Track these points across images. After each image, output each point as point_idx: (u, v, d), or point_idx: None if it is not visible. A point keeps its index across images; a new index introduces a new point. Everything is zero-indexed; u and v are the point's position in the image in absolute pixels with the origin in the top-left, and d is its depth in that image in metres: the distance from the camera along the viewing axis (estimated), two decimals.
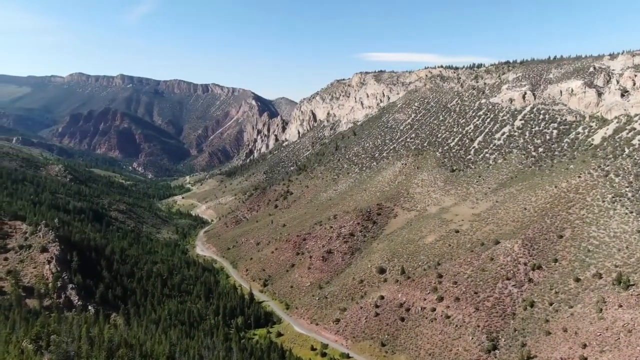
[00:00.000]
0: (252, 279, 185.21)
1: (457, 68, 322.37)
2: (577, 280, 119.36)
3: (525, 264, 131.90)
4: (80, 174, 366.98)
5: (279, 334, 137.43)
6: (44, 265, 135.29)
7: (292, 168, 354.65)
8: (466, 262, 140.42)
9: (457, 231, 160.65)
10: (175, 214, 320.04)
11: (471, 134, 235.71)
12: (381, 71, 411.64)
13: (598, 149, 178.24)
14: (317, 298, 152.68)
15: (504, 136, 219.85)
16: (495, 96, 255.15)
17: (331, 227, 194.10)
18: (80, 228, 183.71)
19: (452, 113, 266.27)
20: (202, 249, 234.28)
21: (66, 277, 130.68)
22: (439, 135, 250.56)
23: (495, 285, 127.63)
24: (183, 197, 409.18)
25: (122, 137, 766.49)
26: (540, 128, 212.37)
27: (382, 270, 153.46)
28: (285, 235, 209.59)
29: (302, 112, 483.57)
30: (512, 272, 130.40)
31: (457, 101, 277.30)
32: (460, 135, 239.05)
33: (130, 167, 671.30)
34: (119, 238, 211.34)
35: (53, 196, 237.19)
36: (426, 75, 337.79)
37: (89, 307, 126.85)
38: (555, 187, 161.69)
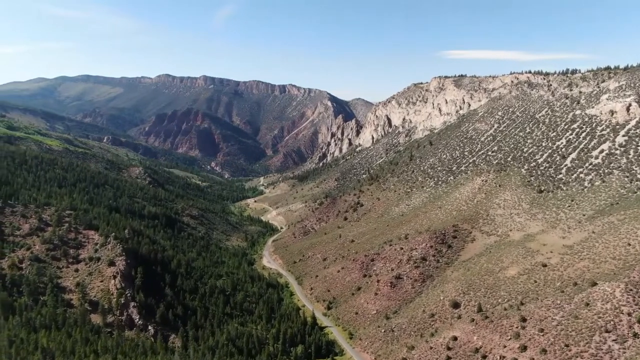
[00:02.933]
0: (316, 299, 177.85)
1: (547, 74, 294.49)
2: None
3: (629, 314, 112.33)
4: (159, 175, 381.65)
5: None
6: (110, 279, 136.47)
7: (364, 176, 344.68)
8: (555, 305, 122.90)
9: (544, 265, 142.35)
10: (246, 220, 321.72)
11: (563, 149, 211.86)
12: (461, 75, 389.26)
13: None
14: (382, 330, 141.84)
15: (603, 154, 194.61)
16: (593, 107, 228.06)
17: (402, 248, 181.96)
18: (151, 237, 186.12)
19: (541, 125, 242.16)
20: (268, 260, 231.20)
21: (129, 294, 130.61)
22: (525, 149, 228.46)
23: (591, 338, 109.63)
24: (255, 201, 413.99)
25: (202, 137, 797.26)
26: None
27: (456, 305, 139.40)
28: (352, 252, 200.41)
29: (376, 116, 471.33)
30: (612, 323, 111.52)
31: (546, 111, 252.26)
32: (549, 151, 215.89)
33: (208, 167, 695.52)
34: (188, 246, 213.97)
35: (130, 200, 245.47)
36: (512, 81, 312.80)
37: (149, 327, 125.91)
38: None
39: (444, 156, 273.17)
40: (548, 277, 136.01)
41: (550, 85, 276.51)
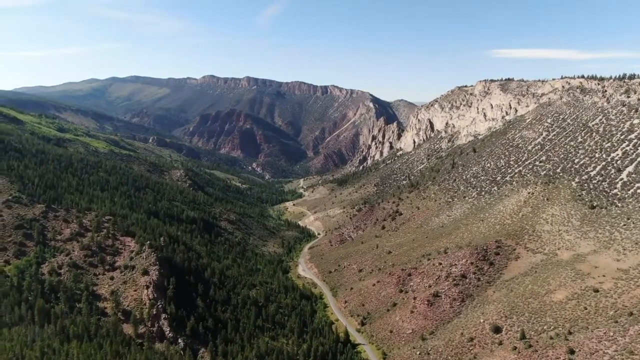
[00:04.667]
0: (350, 313, 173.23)
1: (602, 79, 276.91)
2: None
3: None
4: (200, 177, 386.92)
5: None
6: (143, 289, 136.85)
7: (404, 182, 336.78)
8: (608, 336, 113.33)
9: (596, 290, 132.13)
10: (283, 225, 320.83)
11: (618, 162, 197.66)
12: (508, 79, 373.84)
13: None
14: (418, 352, 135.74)
15: None
16: None
17: (440, 263, 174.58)
18: (187, 244, 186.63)
19: (594, 134, 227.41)
20: (304, 269, 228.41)
21: (161, 305, 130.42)
22: (576, 160, 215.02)
23: None
24: (294, 204, 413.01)
25: (244, 138, 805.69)
26: None
27: (497, 329, 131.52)
28: (389, 264, 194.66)
29: (418, 120, 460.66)
30: None
31: (601, 119, 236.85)
32: (603, 163, 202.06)
33: (249, 167, 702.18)
34: (224, 252, 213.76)
35: (170, 204, 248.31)
36: (562, 87, 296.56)
37: (179, 340, 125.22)
38: None
39: (488, 165, 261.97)
40: (600, 304, 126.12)
41: (605, 91, 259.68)
